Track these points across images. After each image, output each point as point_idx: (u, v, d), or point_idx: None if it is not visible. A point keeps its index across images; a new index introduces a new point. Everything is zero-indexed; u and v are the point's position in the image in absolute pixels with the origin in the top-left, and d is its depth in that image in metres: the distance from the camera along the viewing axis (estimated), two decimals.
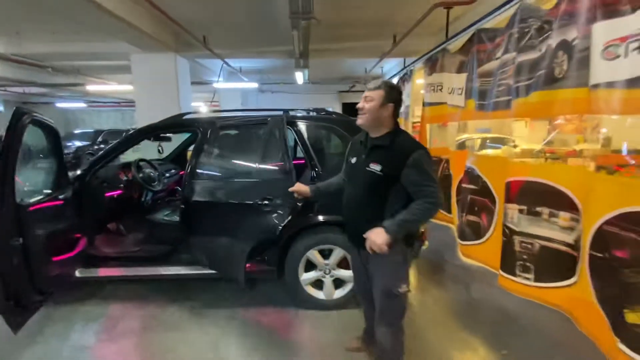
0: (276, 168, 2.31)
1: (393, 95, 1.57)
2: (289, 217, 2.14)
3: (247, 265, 2.26)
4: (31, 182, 2.22)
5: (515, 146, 5.68)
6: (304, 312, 2.49)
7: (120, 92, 11.36)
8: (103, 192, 2.83)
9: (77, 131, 12.43)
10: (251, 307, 2.57)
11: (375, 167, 1.54)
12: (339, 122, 2.73)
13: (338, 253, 2.45)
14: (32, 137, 2.05)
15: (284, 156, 2.25)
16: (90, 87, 9.23)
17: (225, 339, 2.23)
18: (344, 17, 4.92)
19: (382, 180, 1.53)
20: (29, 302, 2.02)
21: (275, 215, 2.17)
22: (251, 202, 2.21)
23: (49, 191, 2.28)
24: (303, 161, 2.64)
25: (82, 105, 14.80)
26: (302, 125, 2.60)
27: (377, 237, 1.47)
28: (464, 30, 2.79)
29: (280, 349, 2.13)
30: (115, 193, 2.96)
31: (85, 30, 5.07)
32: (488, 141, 5.90)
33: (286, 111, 2.65)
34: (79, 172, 2.57)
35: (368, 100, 1.56)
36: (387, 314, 1.65)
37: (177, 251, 2.50)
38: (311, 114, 2.88)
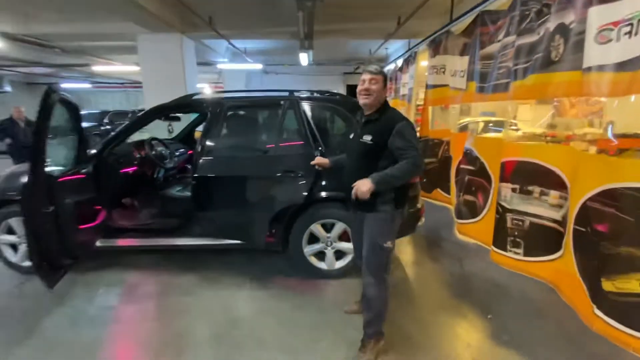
0: (297, 144, 2.57)
1: (386, 80, 1.84)
2: (309, 187, 2.42)
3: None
4: (56, 156, 2.38)
5: (517, 130, 5.70)
6: (308, 281, 2.68)
7: (125, 73, 11.36)
8: (119, 168, 3.00)
9: (83, 112, 12.44)
10: (259, 276, 2.77)
11: (367, 138, 1.76)
12: (342, 103, 2.81)
13: (339, 227, 2.61)
14: (57, 114, 2.19)
15: (304, 133, 2.53)
16: (96, 68, 9.28)
17: (236, 302, 2.43)
18: None
19: (373, 148, 1.75)
20: (60, 263, 2.24)
21: (297, 186, 2.44)
22: (276, 175, 2.48)
23: (73, 165, 2.45)
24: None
25: (87, 86, 14.84)
26: (306, 106, 2.70)
27: (362, 185, 1.68)
28: (468, 12, 2.81)
29: (286, 310, 2.34)
30: (130, 169, 3.13)
31: (92, 10, 5.09)
32: (491, 125, 5.91)
33: (291, 92, 2.75)
34: (94, 151, 2.73)
35: (373, 83, 1.76)
36: (372, 264, 1.83)
37: (191, 223, 2.67)
38: (315, 95, 2.97)
